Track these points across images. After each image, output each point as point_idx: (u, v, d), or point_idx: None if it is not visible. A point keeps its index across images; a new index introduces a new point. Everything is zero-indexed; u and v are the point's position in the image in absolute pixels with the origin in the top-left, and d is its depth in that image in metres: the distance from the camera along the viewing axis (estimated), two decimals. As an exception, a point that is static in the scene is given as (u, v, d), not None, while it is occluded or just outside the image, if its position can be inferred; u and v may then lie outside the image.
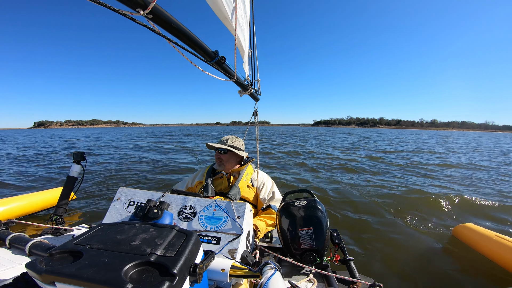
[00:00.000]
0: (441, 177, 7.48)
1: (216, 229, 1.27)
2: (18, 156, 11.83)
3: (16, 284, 0.87)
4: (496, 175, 7.83)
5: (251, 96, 2.82)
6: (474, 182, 6.84)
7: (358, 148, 16.40)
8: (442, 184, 6.48)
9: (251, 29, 2.30)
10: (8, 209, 3.27)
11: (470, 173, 8.19)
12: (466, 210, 4.51)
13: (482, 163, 10.34)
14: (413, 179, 7.06)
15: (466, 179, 7.29)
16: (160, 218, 1.22)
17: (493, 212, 4.45)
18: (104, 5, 0.75)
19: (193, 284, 0.69)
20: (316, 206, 1.53)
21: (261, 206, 2.07)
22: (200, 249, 0.80)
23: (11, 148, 16.27)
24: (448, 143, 23.33)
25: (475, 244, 2.80)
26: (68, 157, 11.08)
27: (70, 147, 16.81)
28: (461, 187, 6.17)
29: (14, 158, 11.12)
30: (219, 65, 1.64)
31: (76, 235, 1.49)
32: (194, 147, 16.25)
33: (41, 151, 13.97)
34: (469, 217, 4.17)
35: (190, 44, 1.26)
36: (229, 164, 2.16)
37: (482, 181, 6.95)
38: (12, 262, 1.26)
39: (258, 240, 1.73)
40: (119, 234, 0.78)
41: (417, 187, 6.06)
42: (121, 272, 0.59)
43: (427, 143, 23.18)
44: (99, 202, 4.61)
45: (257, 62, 2.76)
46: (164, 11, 1.02)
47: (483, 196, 5.33)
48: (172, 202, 1.39)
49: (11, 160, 10.51)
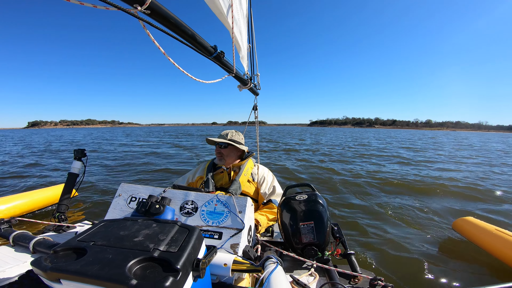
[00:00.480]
0: (440, 170, 7.50)
1: (217, 224, 1.28)
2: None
3: (21, 282, 0.88)
4: (491, 169, 7.86)
5: (251, 90, 2.81)
6: (474, 176, 6.86)
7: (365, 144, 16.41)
8: (443, 176, 6.50)
9: (249, 24, 2.27)
10: (10, 207, 3.28)
11: (471, 167, 8.21)
12: (467, 203, 4.53)
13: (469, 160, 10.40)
14: (412, 173, 7.07)
15: (466, 172, 7.31)
16: (162, 214, 1.22)
17: (493, 205, 4.47)
18: (101, 0, 0.74)
19: (196, 279, 0.69)
20: (317, 200, 1.53)
21: (262, 200, 2.08)
22: (202, 244, 0.80)
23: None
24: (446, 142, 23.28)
25: (475, 238, 2.80)
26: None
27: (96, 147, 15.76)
28: (462, 180, 6.19)
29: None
30: (218, 60, 1.63)
31: (79, 231, 1.50)
32: (192, 146, 16.22)
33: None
34: (470, 210, 4.19)
35: (189, 39, 1.25)
36: (230, 158, 2.16)
37: (480, 176, 6.97)
38: (16, 260, 1.26)
39: (259, 235, 1.74)
40: (122, 230, 0.79)
41: (418, 183, 6.08)
42: (125, 268, 0.60)
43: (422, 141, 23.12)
44: (100, 198, 4.63)
45: (256, 57, 2.74)
46: (162, 6, 1.00)
47: (483, 189, 5.35)
48: (174, 198, 1.40)
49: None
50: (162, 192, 1.42)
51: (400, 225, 3.52)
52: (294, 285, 1.20)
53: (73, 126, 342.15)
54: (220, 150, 2.14)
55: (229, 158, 2.16)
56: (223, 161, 2.15)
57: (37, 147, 16.05)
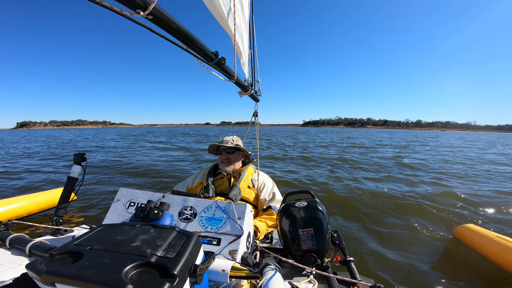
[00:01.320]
0: (441, 176, 7.48)
1: (216, 230, 1.27)
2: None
3: (16, 285, 0.87)
4: (493, 174, 7.84)
5: (251, 97, 2.82)
6: (473, 181, 6.83)
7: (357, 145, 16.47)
8: (442, 183, 6.47)
9: (250, 30, 2.30)
10: (8, 210, 3.27)
11: (469, 172, 8.20)
12: (467, 210, 4.50)
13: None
14: (413, 179, 7.05)
15: (465, 177, 7.29)
16: (160, 219, 1.21)
17: (493, 212, 4.44)
18: (104, 6, 0.75)
19: (194, 285, 0.69)
20: (317, 207, 1.53)
21: (262, 207, 2.07)
22: (200, 250, 0.80)
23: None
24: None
25: (476, 245, 2.78)
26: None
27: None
28: (462, 186, 6.16)
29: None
30: (219, 66, 1.64)
31: (76, 235, 1.49)
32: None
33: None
34: (470, 217, 4.16)
35: (190, 45, 1.26)
36: (237, 163, 2.20)
37: (481, 181, 6.95)
38: (12, 263, 1.25)
39: (258, 241, 1.73)
40: (120, 235, 0.78)
41: (418, 188, 6.05)
42: (121, 273, 0.59)
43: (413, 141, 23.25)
44: (99, 203, 4.61)
45: (257, 63, 2.76)
46: (164, 12, 1.01)
47: (484, 196, 5.32)
48: (173, 203, 1.39)
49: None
50: (161, 197, 1.41)
51: (400, 232, 3.49)
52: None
53: (63, 127, 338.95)
54: (228, 155, 2.17)
55: (237, 162, 2.20)
56: (231, 166, 2.16)
57: (41, 150, 16.05)
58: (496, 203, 4.88)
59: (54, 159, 10.95)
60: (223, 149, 2.19)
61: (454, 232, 3.20)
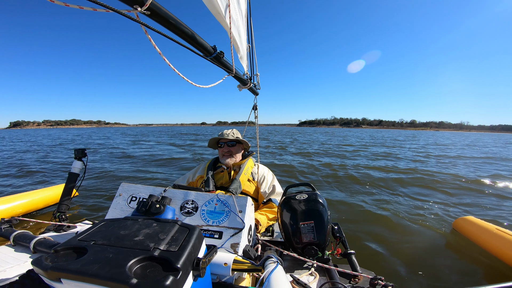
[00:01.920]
0: (440, 168, 7.50)
1: (218, 224, 1.28)
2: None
3: (22, 282, 0.88)
4: (494, 167, 7.86)
5: (250, 90, 2.81)
6: (473, 175, 6.85)
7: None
8: (442, 176, 6.49)
9: (248, 24, 2.28)
10: (11, 207, 3.29)
11: (469, 163, 8.21)
12: (467, 202, 4.53)
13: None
14: (411, 171, 7.07)
15: (465, 169, 7.31)
16: (162, 213, 1.22)
17: (493, 204, 4.46)
18: (100, 4, 0.74)
19: (196, 279, 0.70)
20: (317, 200, 1.53)
21: (262, 200, 2.08)
22: (202, 243, 0.80)
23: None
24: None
25: (475, 238, 2.80)
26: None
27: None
28: (462, 178, 6.19)
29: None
30: (218, 60, 1.63)
31: (79, 231, 1.50)
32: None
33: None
34: (470, 209, 4.18)
35: (189, 40, 1.25)
36: (238, 155, 2.21)
37: (482, 175, 6.97)
38: (17, 260, 1.27)
39: (259, 234, 1.74)
40: (122, 229, 0.79)
41: (418, 181, 6.07)
42: (125, 267, 0.60)
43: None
44: (101, 198, 4.63)
45: (255, 57, 2.74)
46: (162, 7, 1.00)
47: (484, 189, 5.35)
48: (174, 197, 1.40)
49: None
50: (162, 191, 1.42)
51: (400, 224, 3.52)
52: (294, 285, 1.21)
53: (57, 126, 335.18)
54: (230, 148, 2.17)
55: (238, 155, 2.21)
56: (232, 159, 2.17)
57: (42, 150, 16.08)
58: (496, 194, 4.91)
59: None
60: (224, 142, 2.19)
61: (454, 224, 3.22)
